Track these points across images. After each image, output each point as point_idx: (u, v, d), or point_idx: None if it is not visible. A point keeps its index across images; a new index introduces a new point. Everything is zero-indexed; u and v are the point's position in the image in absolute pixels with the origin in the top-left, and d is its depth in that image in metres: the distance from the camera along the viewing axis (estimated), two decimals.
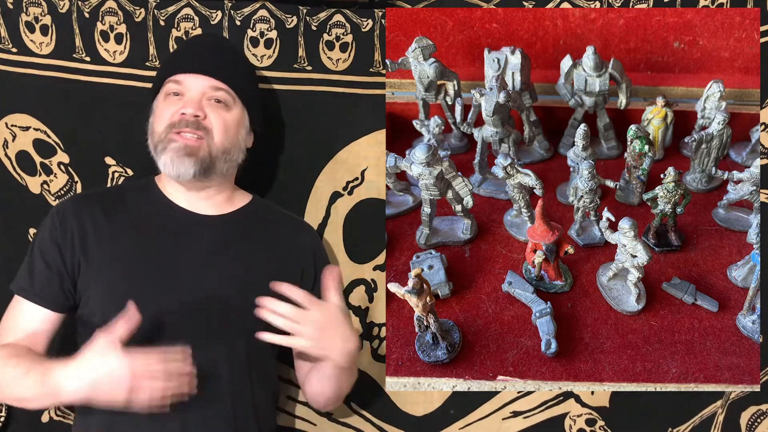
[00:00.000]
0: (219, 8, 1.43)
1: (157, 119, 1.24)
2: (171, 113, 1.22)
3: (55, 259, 1.17)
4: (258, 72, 1.44)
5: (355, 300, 1.50)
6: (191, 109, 1.21)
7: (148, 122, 1.27)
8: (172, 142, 1.20)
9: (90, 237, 1.18)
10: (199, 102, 1.22)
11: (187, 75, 1.23)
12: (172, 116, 1.22)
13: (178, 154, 1.19)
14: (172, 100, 1.23)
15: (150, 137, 1.25)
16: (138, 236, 1.20)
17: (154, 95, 1.28)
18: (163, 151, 1.21)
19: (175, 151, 1.20)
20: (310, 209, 1.49)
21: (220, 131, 1.23)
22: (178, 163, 1.19)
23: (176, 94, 1.24)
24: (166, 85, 1.25)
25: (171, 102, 1.23)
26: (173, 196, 1.26)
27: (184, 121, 1.21)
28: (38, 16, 1.41)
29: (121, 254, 1.18)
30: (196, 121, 1.21)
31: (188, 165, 1.20)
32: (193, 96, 1.23)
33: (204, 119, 1.22)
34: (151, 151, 1.25)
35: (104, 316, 1.12)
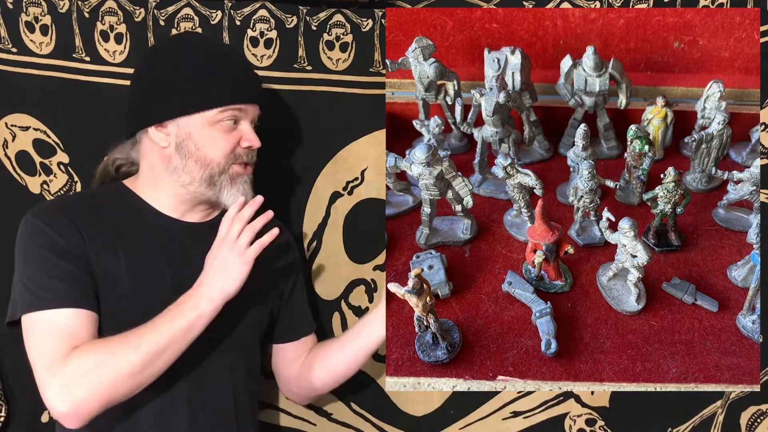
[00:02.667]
0: (219, 8, 1.43)
1: (208, 146, 1.17)
2: (232, 144, 1.19)
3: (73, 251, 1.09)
4: (258, 72, 1.44)
5: (355, 300, 1.50)
6: (258, 143, 1.21)
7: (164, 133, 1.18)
8: (240, 176, 1.20)
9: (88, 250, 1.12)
10: (253, 131, 1.22)
11: (248, 106, 1.21)
12: (234, 147, 1.19)
13: (248, 187, 1.21)
14: (226, 128, 1.18)
15: (200, 165, 1.17)
16: (130, 250, 1.15)
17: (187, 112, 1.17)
18: (231, 184, 1.19)
19: (247, 184, 1.21)
20: (310, 209, 1.49)
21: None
22: (247, 192, 1.21)
23: (231, 120, 1.19)
24: (224, 112, 1.17)
25: (226, 130, 1.18)
26: (160, 206, 1.21)
27: (248, 153, 1.21)
28: (38, 16, 1.41)
29: (110, 267, 1.12)
30: (253, 152, 1.23)
31: (251, 193, 1.21)
32: (248, 126, 1.21)
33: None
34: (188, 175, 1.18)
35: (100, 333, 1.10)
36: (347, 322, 1.50)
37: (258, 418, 1.33)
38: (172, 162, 1.18)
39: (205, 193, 1.19)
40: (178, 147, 1.17)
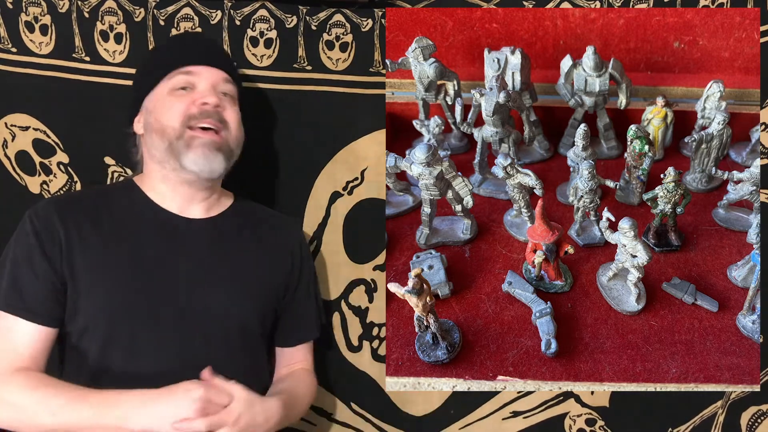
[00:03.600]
0: (219, 8, 1.43)
1: (164, 114, 1.16)
2: (185, 105, 1.15)
3: (44, 268, 1.09)
4: (258, 72, 1.44)
5: (355, 300, 1.50)
6: (213, 99, 1.15)
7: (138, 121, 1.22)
8: (197, 138, 1.14)
9: (75, 245, 1.11)
10: (215, 93, 1.18)
11: (199, 66, 1.18)
12: (188, 108, 1.15)
13: (209, 150, 1.14)
14: (180, 94, 1.17)
15: (158, 135, 1.16)
16: (126, 245, 1.14)
17: (146, 91, 1.21)
18: (187, 148, 1.14)
19: (205, 146, 1.14)
20: (310, 209, 1.49)
21: (235, 125, 1.20)
22: (212, 159, 1.15)
23: (184, 88, 1.17)
24: (173, 78, 1.18)
25: (180, 96, 1.16)
26: (159, 199, 1.21)
27: (205, 112, 1.15)
28: (38, 15, 1.41)
29: (110, 265, 1.12)
30: (217, 112, 1.16)
31: (220, 161, 1.16)
32: (206, 88, 1.17)
33: (224, 111, 1.18)
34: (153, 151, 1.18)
35: (95, 330, 1.10)
36: (347, 322, 1.50)
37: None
38: (146, 143, 1.21)
39: (175, 166, 1.16)
40: (145, 125, 1.20)
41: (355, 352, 1.50)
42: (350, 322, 1.50)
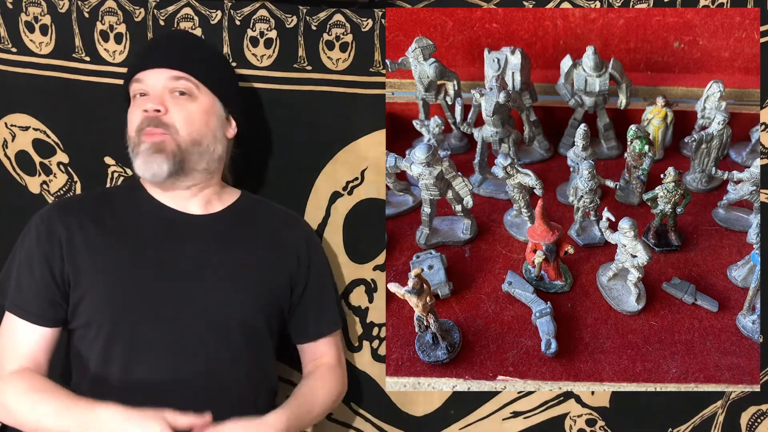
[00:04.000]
0: (219, 8, 1.43)
1: (129, 125, 1.21)
2: (138, 114, 1.19)
3: (42, 270, 1.12)
4: (258, 72, 1.44)
5: (355, 300, 1.50)
6: (151, 104, 1.17)
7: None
8: (143, 143, 1.17)
9: (78, 245, 1.14)
10: (161, 97, 1.18)
11: (146, 72, 1.20)
12: (139, 117, 1.18)
13: (148, 154, 1.16)
14: (138, 102, 1.20)
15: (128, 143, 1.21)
16: (129, 242, 1.16)
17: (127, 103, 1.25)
18: (135, 156, 1.18)
19: (145, 152, 1.17)
20: (310, 209, 1.48)
21: (184, 124, 1.19)
22: (151, 163, 1.16)
23: (142, 94, 1.20)
24: (131, 89, 1.22)
25: (137, 104, 1.20)
26: (161, 198, 1.23)
27: (147, 119, 1.17)
28: (38, 15, 1.41)
29: (114, 263, 1.14)
30: (157, 118, 1.17)
31: (160, 162, 1.16)
32: (157, 92, 1.19)
33: (165, 114, 1.18)
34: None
35: (100, 327, 1.11)
36: (347, 322, 1.50)
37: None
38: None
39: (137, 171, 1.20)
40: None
41: (355, 352, 1.50)
42: (350, 322, 1.50)
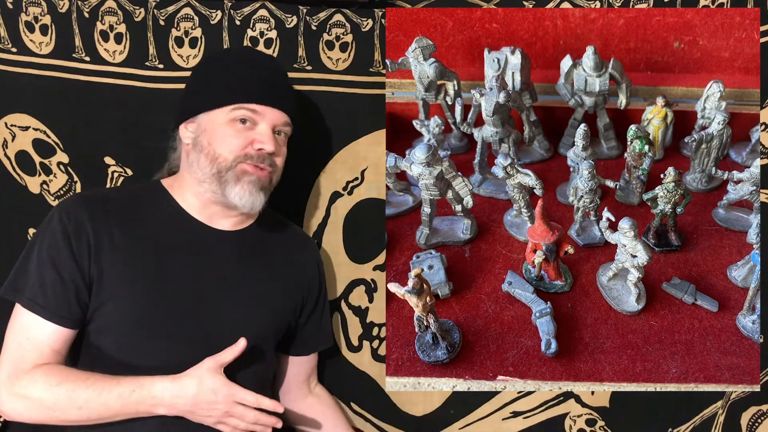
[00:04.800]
0: (219, 8, 1.43)
1: (220, 143, 1.17)
2: (242, 142, 1.17)
3: (71, 271, 1.10)
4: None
5: (355, 300, 1.50)
6: (270, 147, 1.18)
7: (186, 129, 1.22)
8: (247, 174, 1.17)
9: (105, 250, 1.12)
10: (273, 137, 1.20)
11: (265, 108, 1.19)
12: (245, 147, 1.17)
13: (255, 188, 1.17)
14: (239, 128, 1.18)
15: (209, 160, 1.17)
16: (156, 253, 1.16)
17: (204, 109, 1.20)
18: (235, 181, 1.17)
19: (252, 184, 1.17)
20: (310, 209, 1.49)
21: (280, 165, 1.24)
22: (255, 197, 1.18)
23: (245, 121, 1.18)
24: (237, 110, 1.18)
25: (239, 129, 1.18)
26: (189, 208, 1.22)
27: (261, 156, 1.18)
28: (38, 15, 1.41)
29: (139, 273, 1.13)
30: (271, 158, 1.20)
31: (261, 199, 1.19)
32: (266, 130, 1.19)
33: (276, 157, 1.21)
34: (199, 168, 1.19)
35: (119, 335, 1.11)
36: (347, 322, 1.50)
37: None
38: (189, 157, 1.21)
39: (216, 191, 1.18)
40: (194, 142, 1.20)
41: (355, 352, 1.50)
42: (350, 322, 1.50)
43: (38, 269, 1.11)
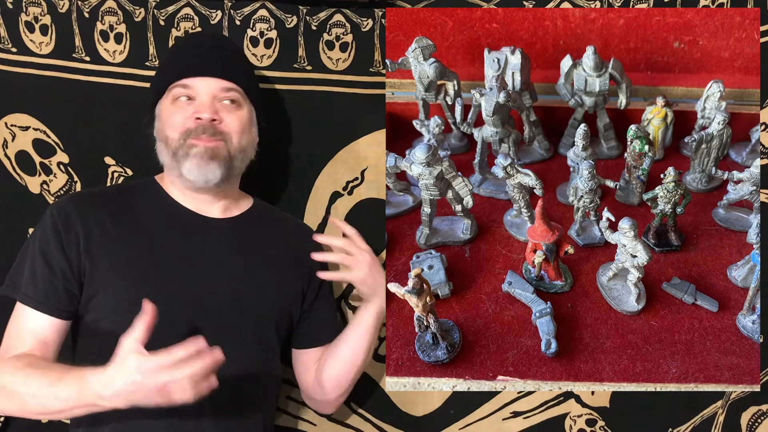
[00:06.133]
0: (219, 8, 1.43)
1: (167, 125, 1.20)
2: (184, 118, 1.19)
3: (59, 261, 1.12)
4: (258, 72, 1.44)
5: (356, 300, 1.50)
6: (207, 114, 1.18)
7: (153, 127, 1.26)
8: (194, 147, 1.18)
9: (95, 240, 1.14)
10: (212, 105, 1.20)
11: (196, 78, 1.20)
12: (186, 122, 1.18)
13: (203, 159, 1.17)
14: (181, 105, 1.20)
15: (164, 144, 1.21)
16: (147, 241, 1.17)
17: (156, 98, 1.25)
18: (185, 158, 1.18)
19: (200, 156, 1.17)
20: (310, 209, 1.49)
21: (237, 132, 1.22)
22: (205, 169, 1.17)
23: (188, 98, 1.20)
24: (172, 90, 1.21)
25: (181, 106, 1.20)
26: (179, 198, 1.24)
27: (201, 126, 1.18)
28: (38, 15, 1.41)
29: (130, 260, 1.14)
30: (213, 126, 1.19)
31: (215, 168, 1.18)
32: (205, 99, 1.20)
33: (220, 123, 1.20)
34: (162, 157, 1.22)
35: (113, 324, 1.11)
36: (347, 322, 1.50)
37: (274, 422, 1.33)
38: (158, 147, 1.24)
39: (179, 173, 1.20)
40: (156, 132, 1.25)
41: None
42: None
43: (30, 263, 1.14)
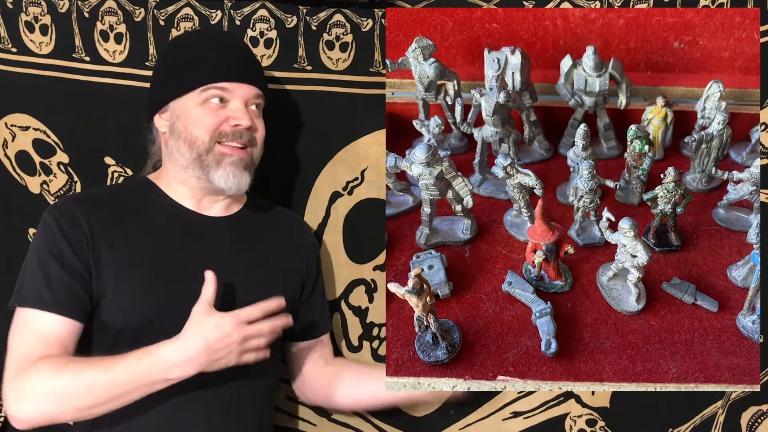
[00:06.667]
0: (219, 8, 1.43)
1: (195, 126, 1.18)
2: (217, 121, 1.18)
3: (73, 262, 1.11)
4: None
5: (355, 300, 1.50)
6: (246, 121, 1.19)
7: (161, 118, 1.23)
8: (227, 156, 1.18)
9: (101, 243, 1.13)
10: (247, 112, 1.20)
11: (234, 84, 1.20)
12: (220, 125, 1.18)
13: (237, 168, 1.19)
14: (213, 107, 1.19)
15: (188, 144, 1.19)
16: (150, 242, 1.17)
17: (175, 95, 1.21)
18: (217, 165, 1.18)
19: (234, 165, 1.18)
20: (310, 209, 1.49)
21: (261, 139, 1.24)
22: (239, 177, 1.19)
23: (221, 100, 1.20)
24: (206, 91, 1.19)
25: (213, 108, 1.19)
26: (178, 198, 1.24)
27: (238, 132, 1.19)
28: (38, 15, 1.41)
29: (137, 265, 1.14)
30: (249, 133, 1.20)
31: (247, 178, 1.20)
32: (239, 105, 1.20)
33: (255, 131, 1.22)
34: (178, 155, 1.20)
35: (126, 323, 1.12)
36: (347, 322, 1.50)
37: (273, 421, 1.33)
38: (168, 146, 1.22)
39: (200, 176, 1.19)
40: (171, 129, 1.21)
41: (355, 352, 1.50)
42: (350, 323, 1.50)
43: (41, 268, 1.11)
